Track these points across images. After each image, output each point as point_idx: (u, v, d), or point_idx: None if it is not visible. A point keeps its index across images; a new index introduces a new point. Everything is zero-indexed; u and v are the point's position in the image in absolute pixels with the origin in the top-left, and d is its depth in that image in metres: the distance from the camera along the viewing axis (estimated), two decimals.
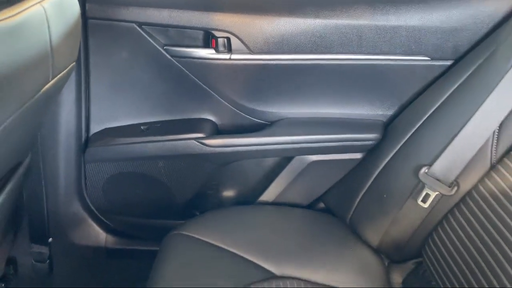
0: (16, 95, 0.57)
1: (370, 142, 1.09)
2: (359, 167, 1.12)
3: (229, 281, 0.91)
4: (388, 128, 1.09)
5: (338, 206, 1.15)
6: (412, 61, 1.03)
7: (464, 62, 0.99)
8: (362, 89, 1.08)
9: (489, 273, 0.76)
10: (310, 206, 1.20)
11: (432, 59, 1.02)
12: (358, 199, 1.08)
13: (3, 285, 1.19)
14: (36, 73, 0.60)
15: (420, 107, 1.03)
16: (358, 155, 1.11)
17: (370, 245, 1.05)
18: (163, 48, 1.04)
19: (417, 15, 0.99)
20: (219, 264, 0.96)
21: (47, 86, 0.64)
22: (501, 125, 0.85)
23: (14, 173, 0.89)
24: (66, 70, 0.73)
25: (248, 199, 1.18)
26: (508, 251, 0.73)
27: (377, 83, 1.06)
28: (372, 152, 1.09)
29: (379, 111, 1.09)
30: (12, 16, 0.56)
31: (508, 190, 0.79)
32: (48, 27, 0.62)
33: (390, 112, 1.09)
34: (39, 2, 0.62)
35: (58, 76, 0.68)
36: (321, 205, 1.21)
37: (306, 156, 1.11)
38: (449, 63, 1.01)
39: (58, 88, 0.75)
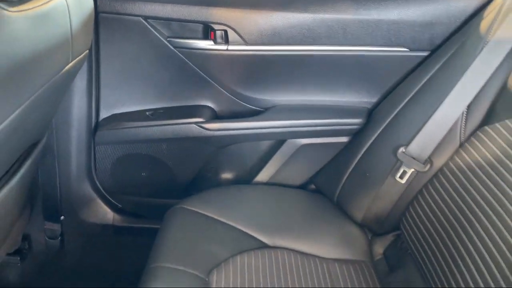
0: (43, 72, 0.67)
1: (355, 126, 1.18)
2: (345, 150, 1.21)
3: (224, 248, 1.00)
4: (371, 113, 1.19)
5: (326, 186, 1.24)
6: (392, 52, 1.12)
7: (439, 53, 1.08)
8: (347, 78, 1.17)
9: (458, 243, 0.84)
10: (302, 187, 1.29)
11: (411, 50, 1.12)
12: (344, 179, 1.17)
13: (18, 258, 1.29)
14: (59, 55, 0.70)
15: (400, 94, 1.12)
16: (344, 139, 1.20)
17: (355, 220, 1.14)
18: (166, 40, 1.13)
19: (396, 10, 1.08)
20: (216, 234, 1.05)
21: (67, 67, 0.74)
22: (468, 107, 0.94)
23: (33, 151, 0.98)
24: (82, 55, 0.83)
25: (244, 179, 1.27)
26: (475, 222, 0.82)
27: (361, 72, 1.16)
28: (357, 136, 1.18)
29: (363, 98, 1.19)
30: (40, 5, 0.65)
31: (475, 166, 0.88)
32: (69, 16, 0.72)
33: (373, 99, 1.19)
34: None
35: (76, 59, 0.78)
36: (312, 186, 1.31)
37: (297, 139, 1.21)
38: (425, 53, 1.11)
39: (75, 70, 0.85)
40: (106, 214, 1.32)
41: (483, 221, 0.80)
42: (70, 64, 0.76)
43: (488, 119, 0.93)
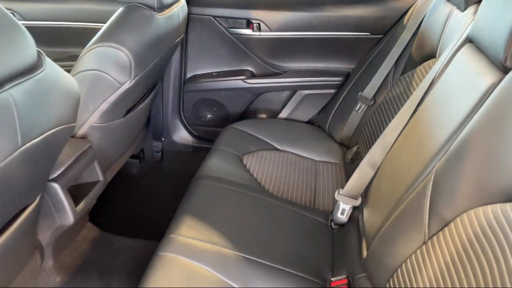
0: (167, 43, 1.41)
1: (339, 82, 1.84)
2: (333, 97, 1.87)
3: (256, 148, 1.68)
4: (349, 74, 1.83)
5: (321, 121, 1.90)
6: (360, 35, 1.77)
7: (388, 35, 1.71)
8: (333, 52, 1.83)
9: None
10: (307, 122, 1.96)
11: (371, 34, 1.76)
12: (331, 116, 1.83)
13: (138, 161, 2.06)
14: (174, 35, 1.44)
15: (364, 61, 1.76)
16: (332, 90, 1.86)
17: (336, 140, 1.79)
18: (225, 29, 1.85)
19: (360, 9, 1.73)
20: (250, 142, 1.72)
21: (177, 40, 1.48)
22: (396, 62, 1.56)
23: (152, 91, 1.73)
24: (181, 37, 1.57)
25: (271, 116, 1.97)
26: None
27: (341, 48, 1.81)
28: (340, 88, 1.84)
29: (344, 65, 1.84)
30: (167, 12, 1.40)
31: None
32: (178, 15, 1.46)
33: (350, 65, 1.83)
34: (176, 5, 1.46)
35: (179, 37, 1.52)
36: (314, 121, 1.97)
37: (303, 90, 1.89)
38: (381, 36, 1.74)
39: (177, 44, 1.59)
40: (188, 138, 2.05)
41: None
42: (177, 40, 1.50)
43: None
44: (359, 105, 1.66)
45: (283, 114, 1.95)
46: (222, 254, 1.12)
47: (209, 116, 2.03)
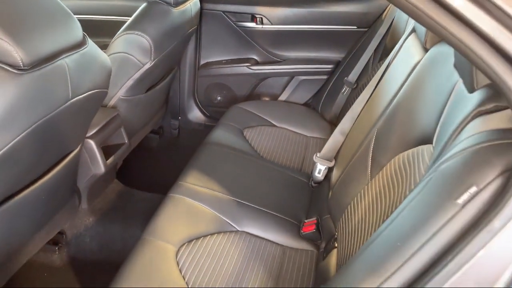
0: (183, 31, 1.70)
1: (330, 69, 2.10)
2: (324, 82, 2.12)
3: (256, 124, 1.97)
4: (338, 62, 2.09)
5: (315, 103, 2.16)
6: (348, 29, 2.02)
7: (371, 29, 1.95)
8: (325, 43, 2.08)
9: None
10: (304, 104, 2.22)
11: (358, 27, 2.00)
12: (323, 99, 2.09)
13: (158, 136, 2.36)
14: (188, 25, 1.73)
15: (351, 51, 2.01)
16: (325, 76, 2.12)
17: (326, 119, 2.05)
18: (233, 23, 2.13)
19: (350, 6, 1.98)
20: (252, 119, 2.00)
21: (190, 30, 1.77)
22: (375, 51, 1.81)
23: (169, 75, 2.02)
24: (194, 27, 1.86)
25: (272, 98, 2.24)
26: None
27: (332, 39, 2.06)
28: (330, 74, 2.09)
29: (334, 54, 2.10)
30: (182, 7, 1.68)
31: None
32: (191, 10, 1.75)
33: (340, 54, 2.08)
34: (189, 1, 1.75)
35: (192, 28, 1.81)
36: (309, 103, 2.23)
37: (299, 76, 2.15)
38: (366, 29, 1.98)
39: (191, 34, 1.88)
40: (201, 117, 2.34)
41: None
42: (190, 30, 1.79)
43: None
44: (344, 88, 1.91)
45: (283, 97, 2.22)
46: (219, 198, 1.40)
47: (218, 98, 2.31)
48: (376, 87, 1.39)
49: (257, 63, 2.19)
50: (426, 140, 0.90)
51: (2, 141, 0.89)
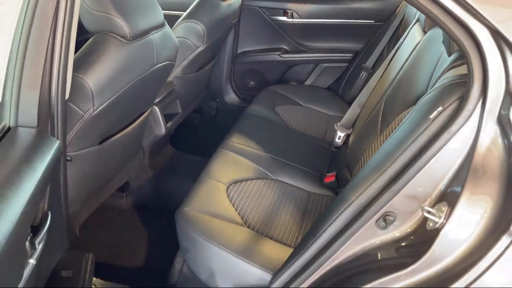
0: (227, 22, 2.03)
1: (350, 57, 2.40)
2: (344, 70, 2.42)
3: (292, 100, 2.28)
4: (357, 52, 2.38)
5: (336, 87, 2.46)
6: (366, 23, 2.32)
7: (386, 22, 2.24)
8: (346, 34, 2.39)
9: None
10: (327, 88, 2.52)
11: (375, 21, 2.30)
12: (343, 84, 2.39)
13: (199, 115, 2.69)
14: (231, 18, 2.06)
15: (368, 42, 2.30)
16: (345, 64, 2.42)
17: (345, 101, 2.34)
18: (268, 17, 2.45)
19: (365, 4, 2.27)
20: (280, 99, 2.32)
21: (233, 21, 2.10)
22: (389, 41, 2.11)
23: (212, 60, 2.35)
24: (236, 19, 2.18)
25: (299, 83, 2.55)
26: None
27: (351, 32, 2.36)
28: (350, 62, 2.39)
29: (353, 44, 2.39)
30: (228, 3, 2.01)
31: None
32: (235, 4, 2.07)
33: (358, 45, 2.38)
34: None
35: (235, 19, 2.14)
36: (331, 87, 2.53)
37: (323, 64, 2.46)
38: (381, 23, 2.27)
39: (234, 24, 2.20)
40: (236, 99, 2.67)
41: None
42: (233, 21, 2.12)
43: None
44: (362, 73, 2.21)
45: (308, 82, 2.53)
46: (258, 154, 1.72)
47: (252, 83, 2.63)
48: (387, 66, 1.69)
49: (286, 52, 2.50)
50: (422, 96, 1.20)
51: (113, 91, 1.22)
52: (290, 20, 2.41)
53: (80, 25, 1.06)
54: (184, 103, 2.07)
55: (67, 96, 1.01)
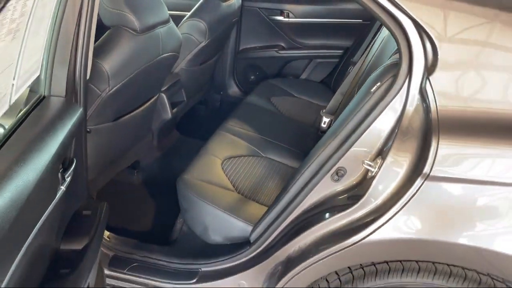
0: (227, 20, 2.27)
1: (340, 53, 2.61)
2: (336, 65, 2.64)
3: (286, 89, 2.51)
4: (347, 49, 2.60)
5: (328, 80, 2.68)
6: (355, 22, 2.54)
7: (372, 22, 2.45)
8: (337, 33, 2.60)
9: None
10: (321, 82, 2.74)
11: (363, 20, 2.51)
12: (334, 76, 2.61)
13: (204, 107, 2.93)
14: (232, 16, 2.29)
15: (357, 39, 2.52)
16: (336, 60, 2.64)
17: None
18: (267, 17, 2.68)
19: (354, 4, 2.49)
20: (277, 90, 2.55)
21: (233, 20, 2.34)
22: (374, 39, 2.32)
23: (215, 56, 2.59)
24: (236, 18, 2.42)
25: (295, 77, 2.78)
26: None
27: (343, 30, 2.58)
28: (341, 58, 2.61)
29: (345, 42, 2.61)
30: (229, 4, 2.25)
31: None
32: (235, 5, 2.31)
33: (348, 42, 2.60)
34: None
35: (235, 18, 2.38)
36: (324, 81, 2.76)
37: (316, 59, 2.68)
38: (368, 22, 2.49)
39: (234, 22, 2.44)
40: (238, 92, 2.89)
41: None
42: (233, 20, 2.36)
43: None
44: (350, 67, 2.42)
45: (303, 76, 2.76)
46: (251, 135, 1.96)
47: (252, 77, 2.87)
48: (365, 58, 1.91)
49: (283, 48, 2.73)
50: None
51: (123, 76, 1.47)
52: (287, 19, 2.63)
53: (99, 21, 1.31)
54: (189, 93, 2.31)
55: (88, 77, 1.25)
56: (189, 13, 2.16)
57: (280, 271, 1.21)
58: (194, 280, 1.38)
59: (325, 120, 2.07)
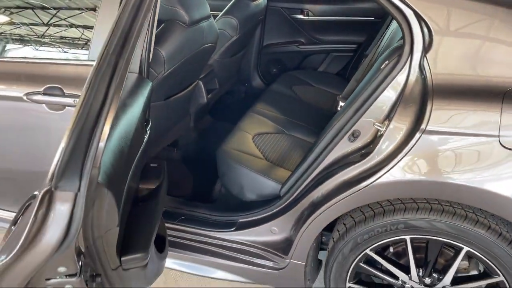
0: (255, 19, 2.54)
1: (354, 48, 2.87)
2: (351, 58, 2.90)
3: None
4: (360, 44, 2.85)
5: (343, 72, 2.94)
6: (368, 19, 2.79)
7: (383, 19, 2.71)
8: (352, 29, 2.86)
9: None
10: (337, 73, 3.00)
11: (375, 18, 2.77)
12: (349, 68, 2.87)
13: (231, 97, 3.22)
14: (259, 13, 2.57)
15: (369, 35, 2.77)
16: (351, 53, 2.90)
17: None
18: (288, 15, 2.95)
19: (367, 4, 2.75)
20: (294, 79, 2.82)
21: (259, 18, 2.61)
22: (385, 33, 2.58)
23: (242, 50, 2.87)
24: (262, 16, 2.69)
25: (313, 69, 3.04)
26: None
27: (357, 27, 2.84)
28: (355, 52, 2.87)
29: (359, 37, 2.87)
30: (257, 3, 2.53)
31: None
32: (262, 4, 2.58)
33: (363, 38, 2.85)
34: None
35: (261, 16, 2.65)
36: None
37: (333, 53, 2.95)
38: (379, 20, 2.74)
39: (261, 20, 2.71)
40: (262, 84, 3.16)
41: None
42: (259, 18, 2.64)
43: None
44: (363, 60, 2.68)
45: (321, 68, 3.03)
46: (278, 116, 2.24)
47: (274, 70, 3.14)
48: (377, 48, 2.17)
49: (303, 44, 3.00)
50: None
51: (175, 61, 1.76)
52: (306, 17, 2.91)
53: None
54: (221, 81, 2.60)
55: (150, 59, 1.55)
56: (222, 12, 2.44)
57: (306, 215, 1.47)
58: (233, 228, 1.66)
59: (341, 104, 2.32)
